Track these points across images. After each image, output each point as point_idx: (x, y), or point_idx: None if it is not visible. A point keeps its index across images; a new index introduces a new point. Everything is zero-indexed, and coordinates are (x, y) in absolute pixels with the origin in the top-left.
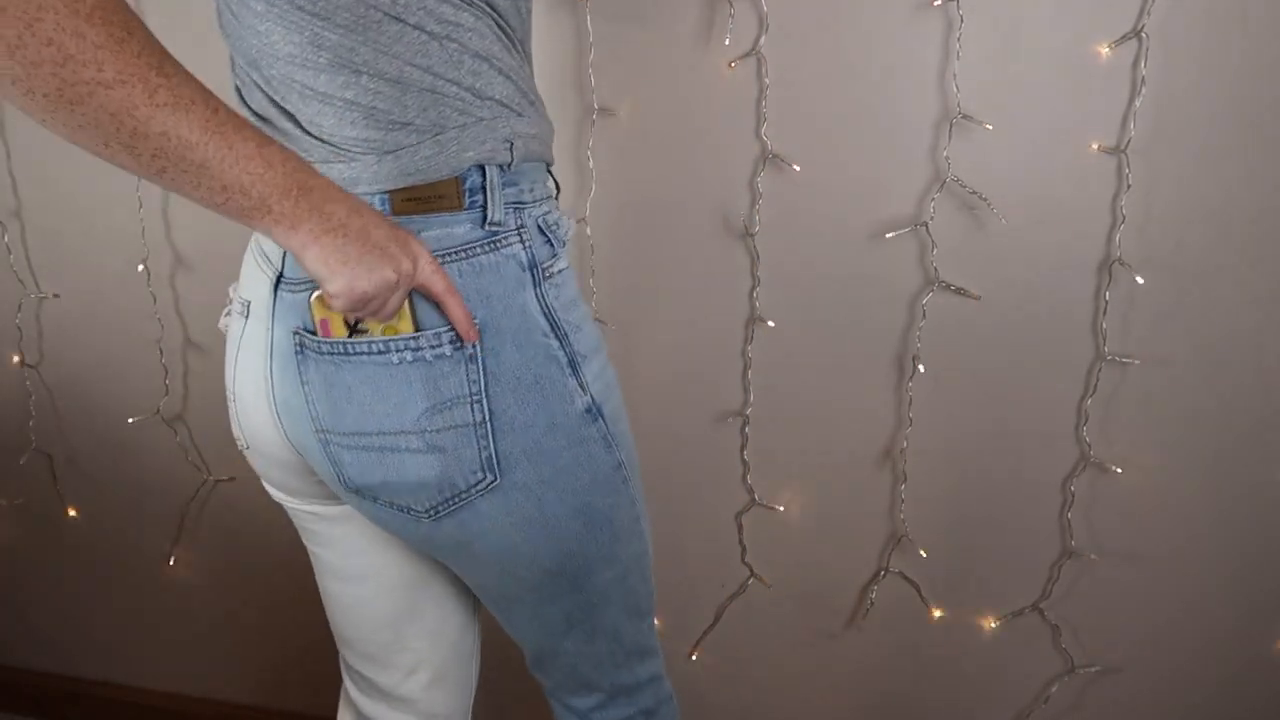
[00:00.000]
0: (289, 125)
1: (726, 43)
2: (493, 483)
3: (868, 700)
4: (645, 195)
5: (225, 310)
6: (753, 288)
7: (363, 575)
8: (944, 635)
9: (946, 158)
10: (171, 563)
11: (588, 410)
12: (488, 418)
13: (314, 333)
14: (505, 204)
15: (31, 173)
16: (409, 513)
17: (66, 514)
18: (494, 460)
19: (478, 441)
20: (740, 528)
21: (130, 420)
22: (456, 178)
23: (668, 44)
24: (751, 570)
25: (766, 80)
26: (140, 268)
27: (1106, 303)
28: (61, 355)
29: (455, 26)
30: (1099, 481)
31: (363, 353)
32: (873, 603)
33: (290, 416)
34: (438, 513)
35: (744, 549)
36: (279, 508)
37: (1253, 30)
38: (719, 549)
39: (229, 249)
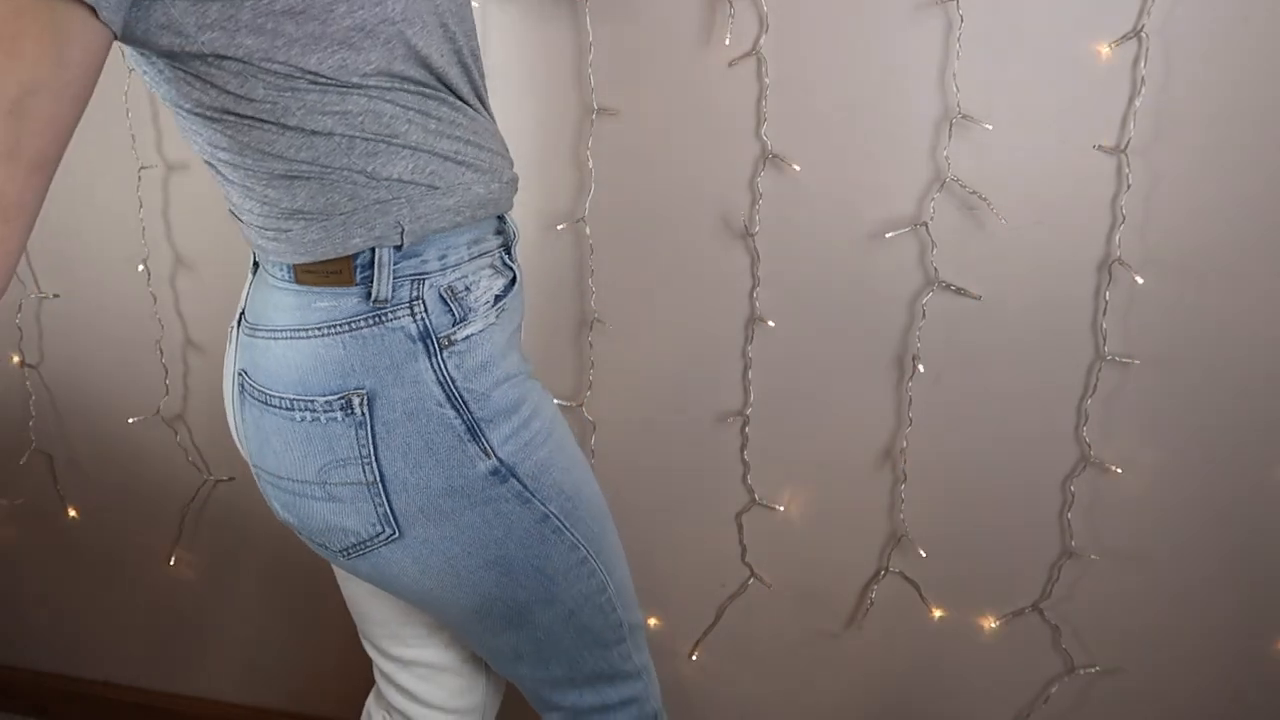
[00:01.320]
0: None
1: (726, 43)
2: (393, 535)
3: (867, 700)
4: (645, 195)
5: None
6: (753, 288)
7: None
8: (944, 635)
9: (946, 158)
10: (171, 563)
11: (494, 472)
12: (379, 478)
13: (248, 379)
14: (401, 277)
15: None
16: (326, 550)
17: (66, 514)
18: (390, 516)
19: (373, 499)
20: (740, 528)
21: (130, 420)
22: (348, 256)
23: (668, 44)
24: (751, 570)
25: (766, 80)
26: (140, 268)
27: (1106, 303)
28: (61, 355)
29: (341, 116)
30: (1099, 481)
31: (276, 406)
32: (873, 603)
33: (241, 445)
34: (349, 554)
35: (744, 549)
36: None
37: (1253, 30)
38: (719, 549)
39: (229, 249)
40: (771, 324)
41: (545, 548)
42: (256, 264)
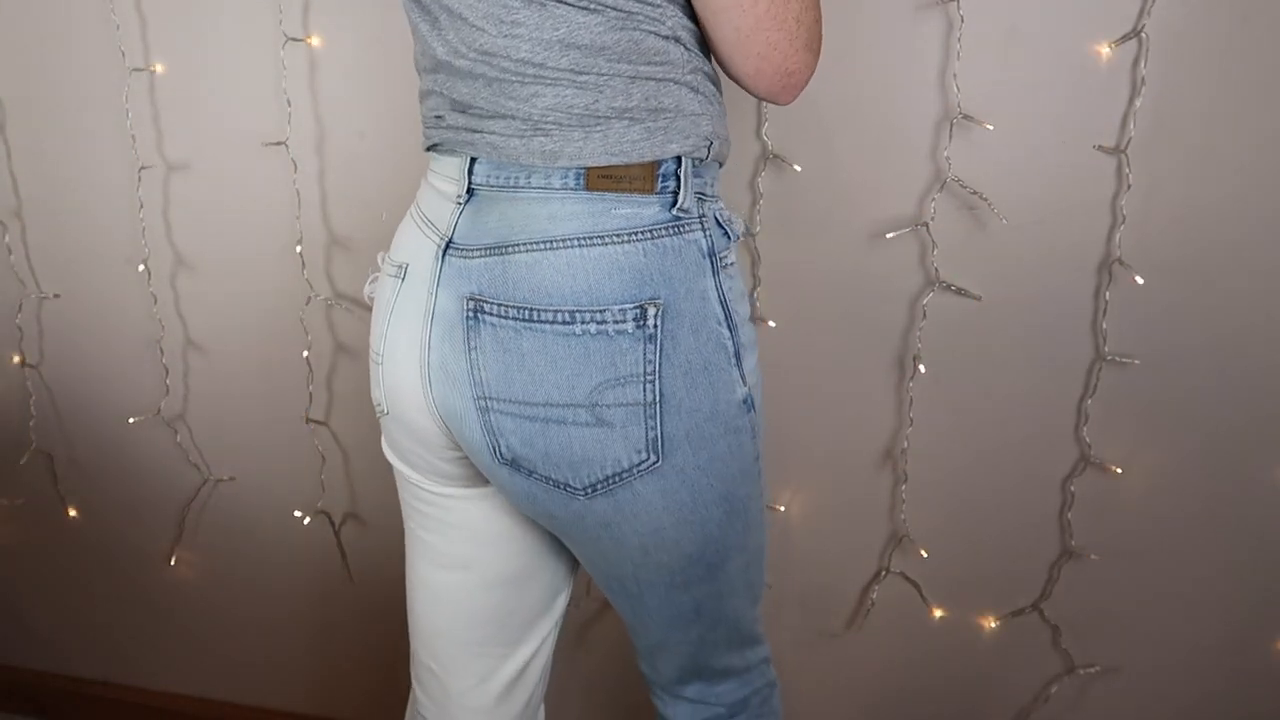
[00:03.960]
0: (487, 98)
1: None
2: (654, 464)
3: (868, 700)
4: None
5: (371, 278)
6: (753, 288)
7: (467, 564)
8: (944, 635)
9: (946, 158)
10: (172, 563)
11: (744, 401)
12: (658, 399)
13: (493, 300)
14: (693, 193)
15: (31, 172)
16: (565, 489)
17: (66, 514)
18: (659, 441)
19: (646, 421)
20: None
21: (130, 420)
22: (653, 163)
23: None
24: None
25: None
26: (140, 268)
27: (1106, 303)
28: (61, 355)
29: (691, 31)
30: (1099, 481)
31: (547, 321)
32: (873, 603)
33: (445, 382)
34: (594, 490)
35: None
36: (279, 507)
37: (1253, 30)
38: None
39: (229, 249)
40: (772, 324)
41: (753, 489)
42: (472, 190)
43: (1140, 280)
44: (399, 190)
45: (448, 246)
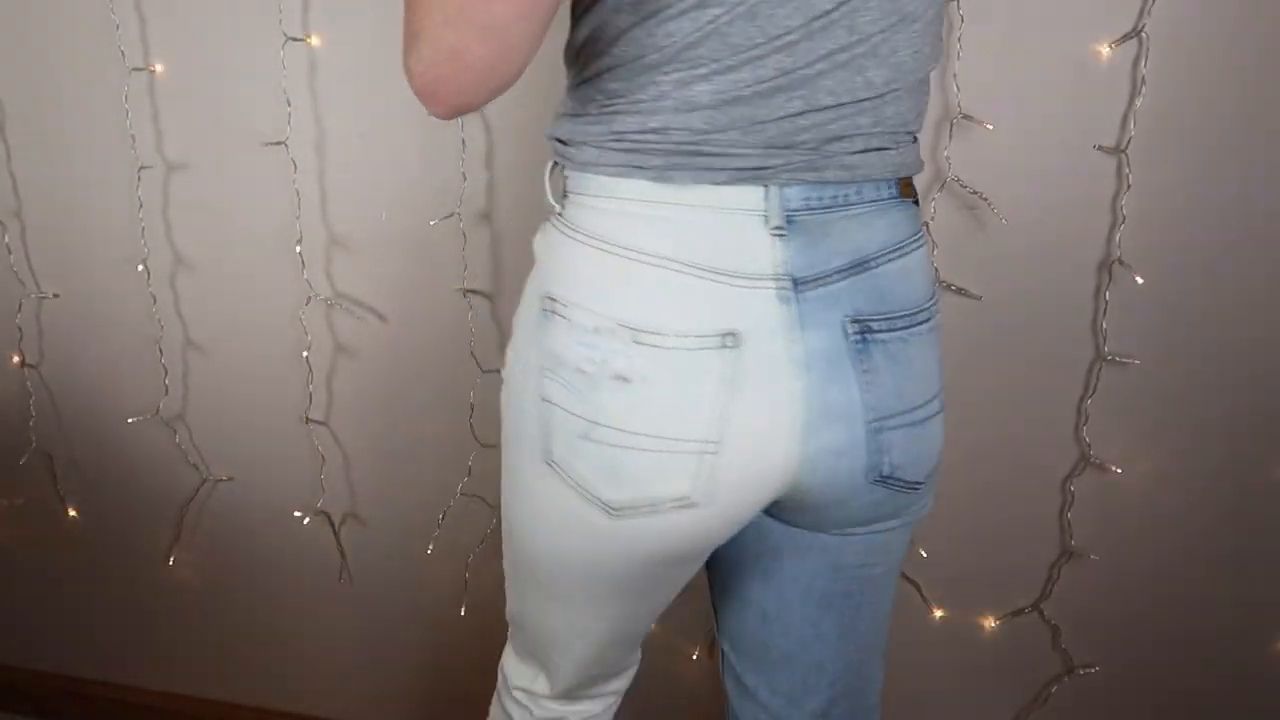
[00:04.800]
0: (867, 124)
1: None
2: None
3: None
4: None
5: (615, 356)
6: None
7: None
8: (944, 635)
9: (947, 158)
10: (171, 563)
11: None
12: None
13: (878, 315)
14: None
15: (31, 173)
16: (911, 489)
17: (66, 514)
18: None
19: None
20: None
21: (130, 420)
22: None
23: None
24: None
25: None
26: (140, 268)
27: (1106, 303)
28: (61, 355)
29: None
30: (1099, 481)
31: (923, 321)
32: None
33: (827, 424)
34: (924, 482)
35: None
36: (279, 507)
37: (1253, 30)
38: None
39: (229, 249)
40: None
41: None
42: (790, 219)
43: (1140, 280)
44: (399, 190)
45: (796, 285)
